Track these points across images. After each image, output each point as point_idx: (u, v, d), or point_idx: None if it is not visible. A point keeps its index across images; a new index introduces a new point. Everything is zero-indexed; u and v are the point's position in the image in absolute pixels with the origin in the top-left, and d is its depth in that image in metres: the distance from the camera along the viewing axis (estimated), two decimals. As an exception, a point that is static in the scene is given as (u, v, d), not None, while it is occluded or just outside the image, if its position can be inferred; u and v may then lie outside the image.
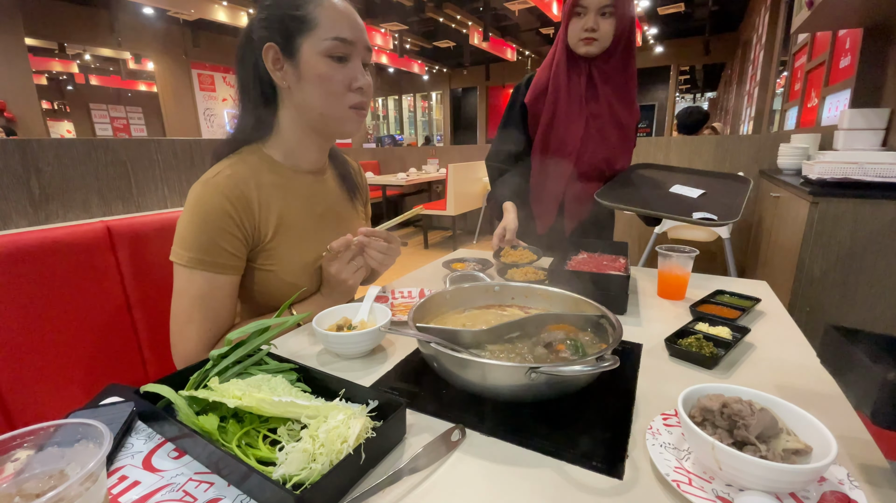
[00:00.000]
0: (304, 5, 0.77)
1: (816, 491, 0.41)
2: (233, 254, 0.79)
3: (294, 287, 0.86)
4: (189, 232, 0.76)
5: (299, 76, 0.79)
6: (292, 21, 0.77)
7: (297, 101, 0.82)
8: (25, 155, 1.25)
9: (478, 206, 5.10)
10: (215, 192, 0.77)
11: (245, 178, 0.80)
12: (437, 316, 0.76)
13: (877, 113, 1.98)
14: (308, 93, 0.80)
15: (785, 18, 4.27)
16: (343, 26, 0.78)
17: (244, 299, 0.90)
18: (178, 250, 0.77)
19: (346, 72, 0.79)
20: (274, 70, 0.80)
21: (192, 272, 0.76)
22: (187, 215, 0.77)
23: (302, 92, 0.80)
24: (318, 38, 0.77)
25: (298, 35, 0.77)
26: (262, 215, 0.82)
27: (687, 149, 3.21)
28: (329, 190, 0.96)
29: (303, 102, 0.81)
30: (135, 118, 9.66)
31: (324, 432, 0.45)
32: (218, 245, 0.76)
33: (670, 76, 10.47)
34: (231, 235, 0.78)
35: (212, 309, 0.79)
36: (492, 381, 0.55)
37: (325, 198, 0.94)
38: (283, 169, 0.87)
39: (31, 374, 0.86)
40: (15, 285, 0.83)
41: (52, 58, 8.47)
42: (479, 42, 8.37)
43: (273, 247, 0.83)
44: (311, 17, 0.76)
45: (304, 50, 0.77)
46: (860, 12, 1.99)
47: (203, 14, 6.42)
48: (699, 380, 0.63)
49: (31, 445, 0.37)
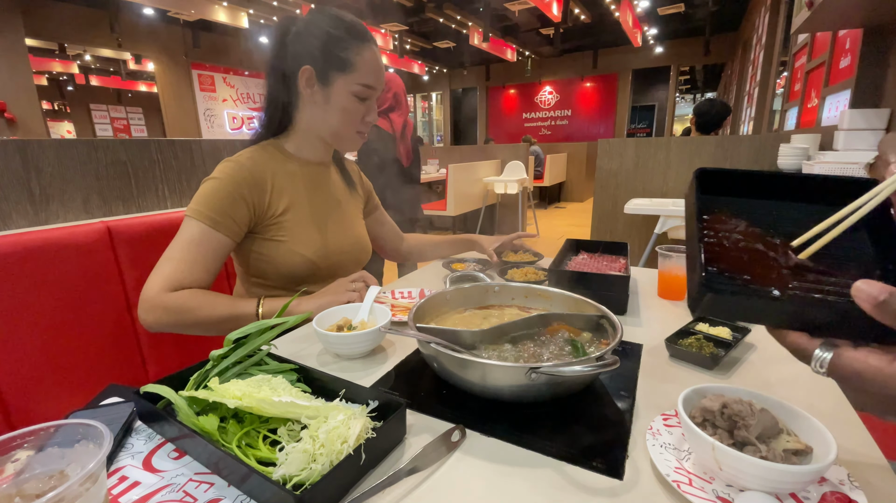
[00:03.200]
0: (347, 49, 0.92)
1: (817, 491, 0.41)
2: (232, 219, 0.88)
3: (300, 256, 0.97)
4: (204, 192, 0.88)
5: (327, 101, 0.95)
6: (334, 58, 0.92)
7: (318, 117, 0.98)
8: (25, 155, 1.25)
9: (478, 206, 5.10)
10: (236, 166, 0.91)
11: (264, 162, 0.96)
12: (437, 316, 0.76)
13: (877, 113, 1.98)
14: (330, 116, 0.96)
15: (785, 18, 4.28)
16: (372, 76, 0.94)
17: (257, 273, 0.99)
18: (190, 205, 0.88)
19: (364, 109, 0.97)
20: (304, 87, 0.94)
21: (192, 221, 0.86)
22: (208, 181, 0.90)
23: (325, 113, 0.97)
24: (351, 80, 0.93)
25: (337, 70, 0.92)
26: (274, 195, 0.95)
27: (687, 149, 3.21)
28: (332, 180, 1.10)
29: (323, 120, 0.98)
30: (135, 118, 9.66)
31: (324, 432, 0.45)
32: (223, 206, 0.87)
33: (670, 76, 10.47)
34: (238, 202, 0.89)
35: (193, 255, 0.85)
36: (492, 381, 0.55)
37: (329, 186, 1.08)
38: (294, 159, 1.02)
39: (31, 374, 0.86)
40: (15, 285, 0.83)
41: (53, 58, 8.47)
42: (479, 42, 8.37)
43: (283, 221, 0.96)
44: (352, 61, 0.92)
45: (337, 83, 0.93)
46: (860, 12, 1.99)
47: (203, 14, 6.41)
48: (699, 381, 0.63)
49: (32, 446, 0.37)
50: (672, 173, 3.22)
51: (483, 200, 5.15)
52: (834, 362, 0.33)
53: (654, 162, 3.23)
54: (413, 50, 10.61)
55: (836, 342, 0.34)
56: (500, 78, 12.45)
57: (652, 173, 3.25)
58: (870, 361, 0.31)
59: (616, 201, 3.38)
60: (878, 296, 0.30)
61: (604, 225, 3.53)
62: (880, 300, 0.30)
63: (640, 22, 8.48)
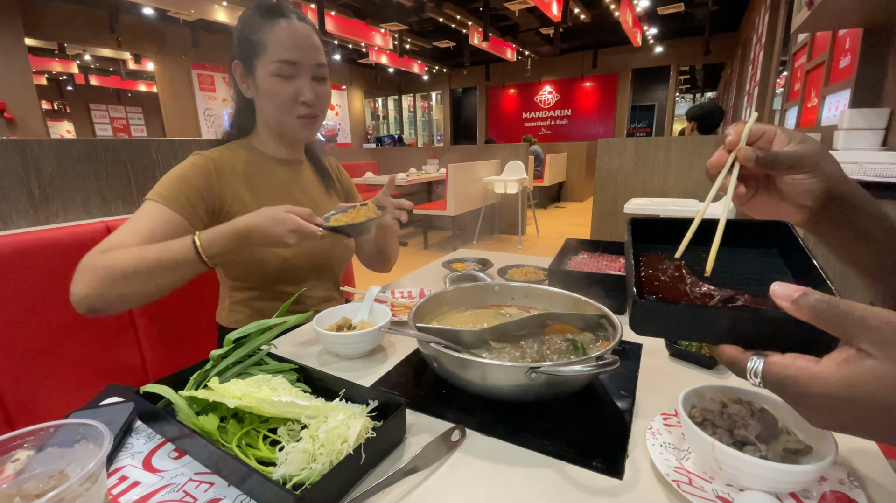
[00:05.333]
0: (258, 31, 0.89)
1: (817, 491, 0.41)
2: (186, 197, 0.85)
3: (273, 255, 0.94)
4: (167, 178, 0.86)
5: (257, 89, 0.93)
6: (249, 44, 0.90)
7: (260, 110, 0.97)
8: (25, 155, 1.25)
9: (478, 206, 5.10)
10: (200, 157, 0.90)
11: (229, 159, 0.94)
12: (437, 316, 0.76)
13: (877, 113, 1.98)
14: (263, 104, 0.94)
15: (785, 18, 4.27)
16: (287, 50, 0.89)
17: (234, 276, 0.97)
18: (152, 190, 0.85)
19: (292, 88, 0.91)
20: (241, 83, 0.95)
21: (148, 203, 0.83)
22: (173, 169, 0.88)
23: (260, 103, 0.95)
24: (267, 61, 0.89)
25: (254, 56, 0.90)
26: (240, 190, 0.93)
27: (687, 149, 3.21)
28: (305, 179, 1.07)
29: (262, 111, 0.97)
30: (135, 118, 9.66)
31: (324, 432, 0.45)
32: (176, 184, 0.85)
33: (670, 76, 10.47)
34: (196, 188, 0.86)
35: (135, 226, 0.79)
36: (492, 381, 0.55)
37: (301, 185, 1.05)
38: (263, 156, 1.00)
39: (31, 374, 0.86)
40: (15, 285, 0.83)
41: (52, 58, 8.47)
42: (478, 42, 8.37)
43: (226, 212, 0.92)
44: (263, 41, 0.89)
45: (258, 69, 0.90)
46: (860, 12, 1.99)
47: (203, 14, 6.41)
48: (699, 381, 0.63)
49: (32, 446, 0.37)
50: (672, 173, 3.22)
51: (483, 200, 5.15)
52: (766, 370, 0.34)
53: (654, 162, 3.23)
54: (413, 50, 10.60)
55: (765, 353, 0.36)
56: (500, 77, 12.45)
57: (652, 173, 3.25)
58: (797, 363, 0.33)
59: (616, 201, 3.39)
60: (792, 293, 0.33)
61: (604, 225, 3.53)
62: (795, 297, 0.33)
63: (639, 21, 8.48)
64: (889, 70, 2.10)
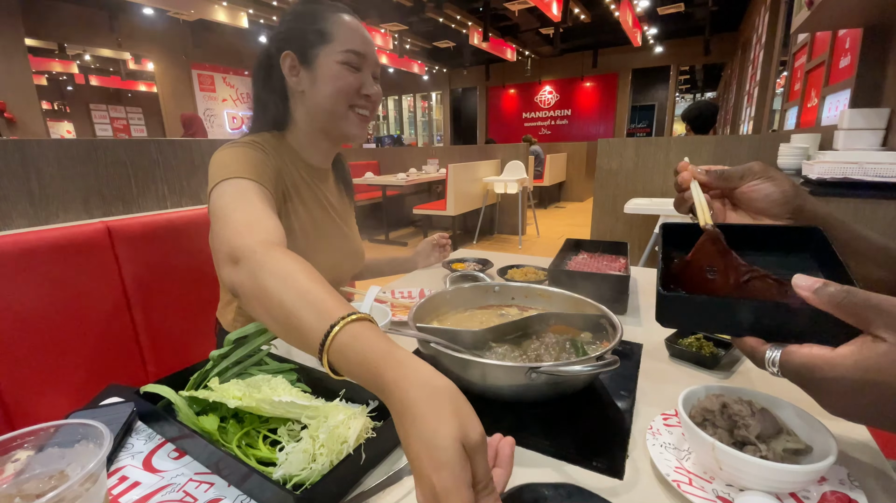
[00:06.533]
0: (322, 21, 0.86)
1: (817, 491, 0.41)
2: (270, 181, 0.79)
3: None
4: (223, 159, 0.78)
5: (314, 80, 0.87)
6: (311, 34, 0.86)
7: (309, 103, 0.89)
8: (25, 155, 1.25)
9: (478, 206, 5.10)
10: (245, 145, 0.83)
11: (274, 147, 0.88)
12: (438, 316, 0.76)
13: (877, 113, 1.98)
14: (320, 91, 0.87)
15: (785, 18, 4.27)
16: (356, 41, 0.87)
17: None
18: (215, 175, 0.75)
19: (358, 78, 0.88)
20: (290, 76, 0.88)
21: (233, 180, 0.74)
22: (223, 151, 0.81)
23: (314, 92, 0.88)
24: (334, 50, 0.85)
25: (316, 46, 0.86)
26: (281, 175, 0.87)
27: (687, 149, 3.21)
28: (330, 188, 1.04)
29: (314, 102, 0.89)
30: (135, 118, 9.65)
31: (324, 432, 0.45)
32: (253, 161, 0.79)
33: (670, 76, 10.47)
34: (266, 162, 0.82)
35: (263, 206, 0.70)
36: (492, 381, 0.55)
37: (328, 194, 1.02)
38: (298, 159, 0.95)
39: (31, 374, 0.86)
40: (15, 285, 0.83)
41: (52, 58, 8.46)
42: (479, 42, 8.37)
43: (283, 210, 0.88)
44: (329, 31, 0.85)
45: (320, 58, 0.86)
46: (860, 12, 1.99)
47: (203, 14, 6.41)
48: (699, 381, 0.63)
49: (32, 446, 0.37)
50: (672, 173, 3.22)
51: (483, 200, 5.15)
52: (784, 359, 0.36)
53: (654, 162, 3.22)
54: (413, 50, 10.60)
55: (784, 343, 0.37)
56: (500, 77, 12.45)
57: (652, 173, 3.25)
58: (814, 351, 0.35)
59: (616, 201, 3.38)
60: (813, 285, 0.34)
61: (604, 225, 3.53)
62: (815, 288, 0.34)
63: (639, 21, 8.48)
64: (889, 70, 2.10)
